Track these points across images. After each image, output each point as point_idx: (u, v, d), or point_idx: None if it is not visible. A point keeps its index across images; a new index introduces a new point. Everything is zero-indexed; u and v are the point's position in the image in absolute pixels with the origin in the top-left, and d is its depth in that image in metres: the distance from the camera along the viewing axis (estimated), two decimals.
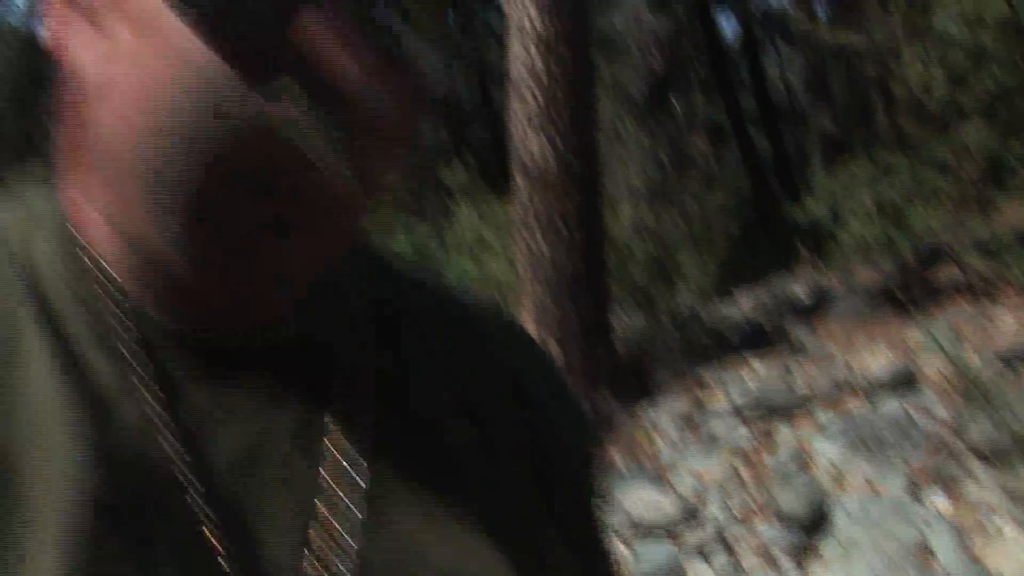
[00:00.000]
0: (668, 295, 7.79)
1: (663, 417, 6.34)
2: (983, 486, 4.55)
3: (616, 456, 5.74)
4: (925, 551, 4.32)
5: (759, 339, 7.01)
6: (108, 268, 0.57)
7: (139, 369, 0.55)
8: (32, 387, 0.53)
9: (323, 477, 0.56)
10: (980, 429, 4.64)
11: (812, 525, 4.92)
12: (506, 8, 6.24)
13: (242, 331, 0.57)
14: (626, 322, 7.23)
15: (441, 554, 0.57)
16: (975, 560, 4.19)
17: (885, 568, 4.45)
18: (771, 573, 4.76)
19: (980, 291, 6.11)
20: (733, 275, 8.68)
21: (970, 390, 4.60)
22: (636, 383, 6.80)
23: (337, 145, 0.49)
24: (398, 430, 0.59)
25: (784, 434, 5.80)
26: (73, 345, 0.55)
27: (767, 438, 5.74)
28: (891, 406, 5.49)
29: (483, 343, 0.67)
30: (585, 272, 6.19)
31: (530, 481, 0.63)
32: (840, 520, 4.82)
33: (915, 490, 4.58)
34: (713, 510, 5.26)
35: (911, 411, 5.40)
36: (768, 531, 4.98)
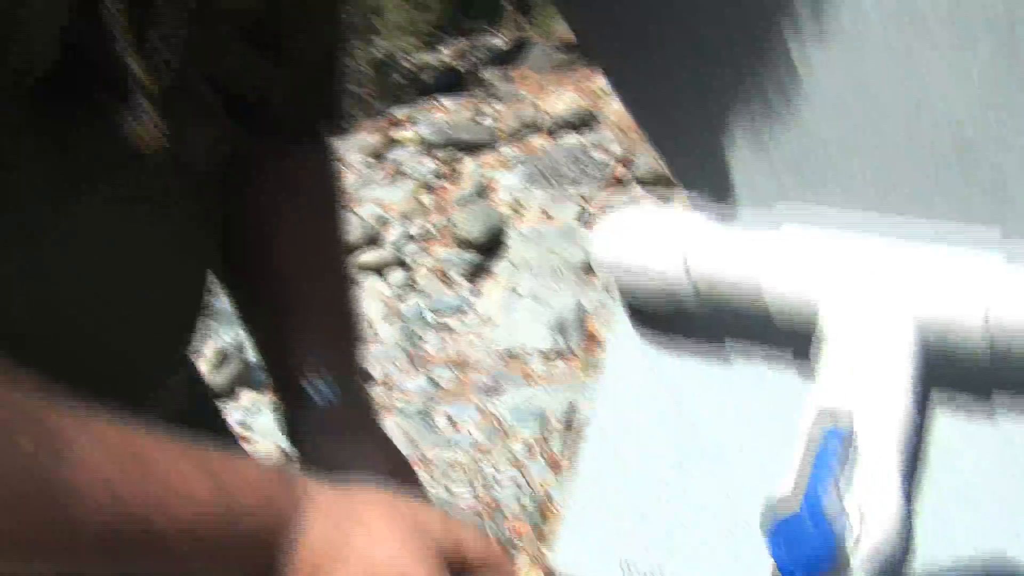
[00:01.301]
0: (367, 40, 7.64)
1: (352, 152, 6.29)
2: None
3: None
4: (587, 268, 4.57)
5: (454, 83, 7.09)
6: None
7: None
8: None
9: None
10: (647, 162, 4.92)
11: (488, 248, 5.08)
12: None
13: None
14: None
15: None
16: None
17: (550, 279, 4.66)
18: (444, 288, 4.88)
19: None
20: (441, 29, 8.62)
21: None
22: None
23: None
24: None
25: (469, 168, 5.91)
26: None
27: (453, 172, 5.83)
28: (571, 142, 5.68)
29: None
30: None
31: None
32: (514, 243, 4.99)
33: (584, 217, 4.81)
34: (394, 236, 5.31)
35: (588, 147, 5.61)
36: (446, 254, 5.09)
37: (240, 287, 0.91)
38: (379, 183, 5.80)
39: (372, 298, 4.66)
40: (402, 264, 4.95)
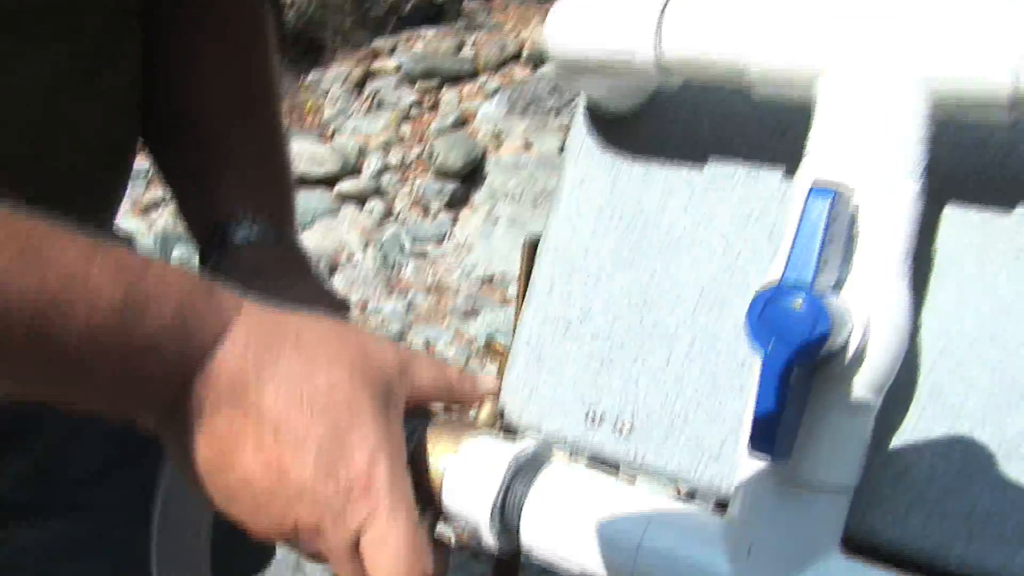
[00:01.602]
0: None
1: (332, 84, 6.23)
2: None
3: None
4: None
5: (434, 14, 7.01)
6: None
7: None
8: None
9: None
10: None
11: (466, 177, 5.04)
12: None
13: None
14: None
15: None
16: None
17: (530, 205, 4.62)
18: (423, 216, 4.84)
19: None
20: None
21: None
22: (306, 53, 6.66)
23: None
24: None
25: (449, 98, 5.84)
26: None
27: (432, 102, 5.76)
28: (551, 72, 5.63)
29: None
30: None
31: None
32: (493, 173, 4.95)
33: (564, 145, 4.74)
34: (373, 166, 5.27)
35: None
36: (425, 183, 5.06)
37: (160, 131, 0.84)
38: (358, 114, 5.75)
39: (350, 227, 4.60)
40: (381, 194, 4.89)
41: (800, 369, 0.45)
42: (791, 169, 0.58)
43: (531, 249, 0.68)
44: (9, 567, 0.95)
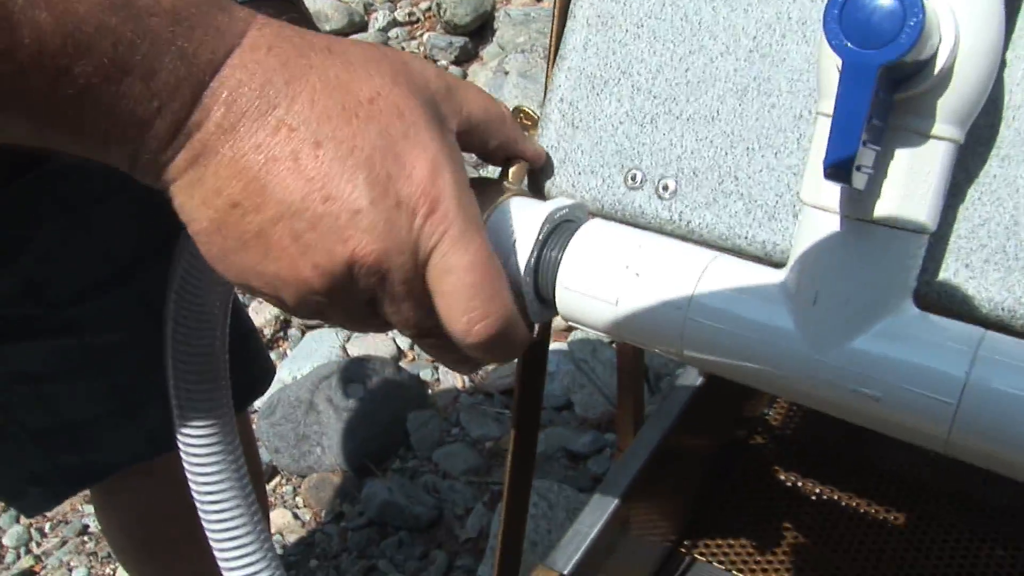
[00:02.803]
0: None
1: None
2: None
3: None
4: None
5: None
6: None
7: None
8: None
9: None
10: None
11: (475, 32, 4.94)
12: None
13: None
14: None
15: None
16: None
17: (540, 59, 4.53)
18: None
19: None
20: None
21: None
22: None
23: None
24: None
25: None
26: None
27: None
28: None
29: None
30: None
31: None
32: (502, 27, 4.84)
33: None
34: (380, 21, 5.15)
35: None
36: (433, 38, 4.95)
37: None
38: None
39: None
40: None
41: (883, 81, 0.40)
42: None
43: (563, 3, 0.61)
44: (1, 387, 0.92)
